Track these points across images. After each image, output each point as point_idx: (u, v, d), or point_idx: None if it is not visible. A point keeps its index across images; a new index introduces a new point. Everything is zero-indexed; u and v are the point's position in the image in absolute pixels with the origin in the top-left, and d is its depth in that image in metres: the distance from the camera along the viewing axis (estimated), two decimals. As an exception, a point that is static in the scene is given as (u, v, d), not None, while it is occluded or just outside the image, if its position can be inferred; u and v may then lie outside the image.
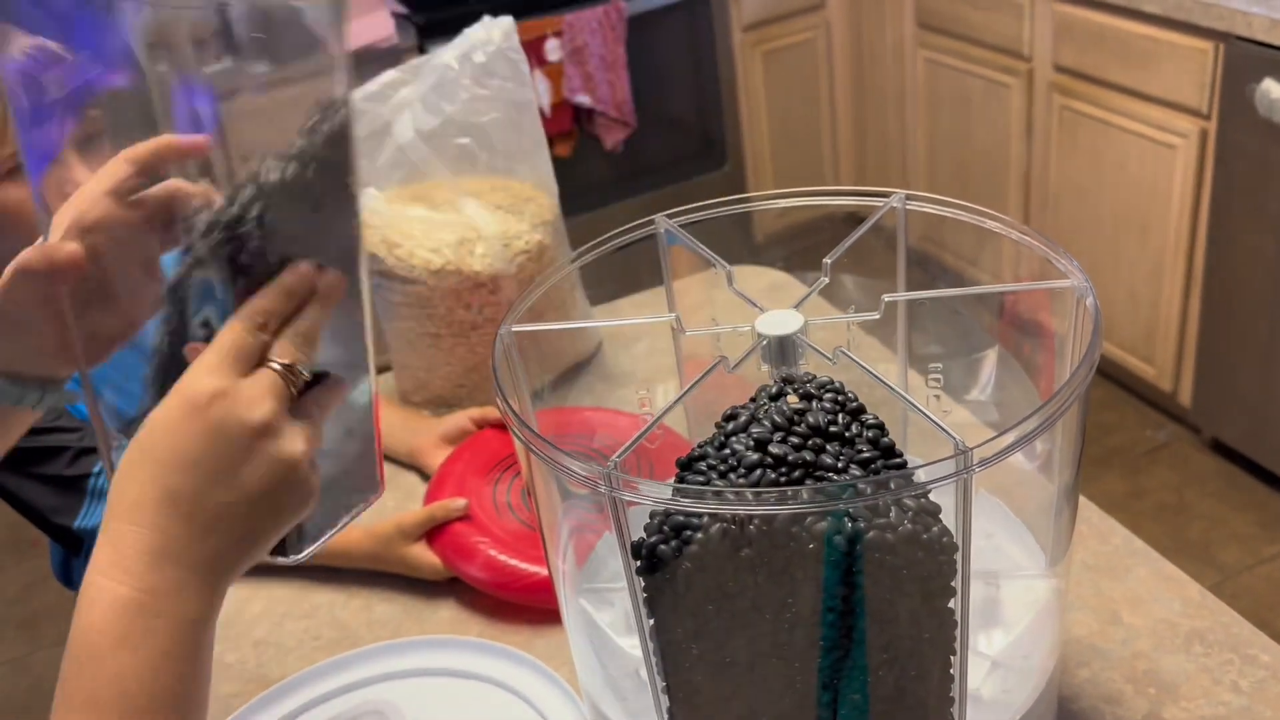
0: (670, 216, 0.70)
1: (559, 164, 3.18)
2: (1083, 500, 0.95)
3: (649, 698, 0.59)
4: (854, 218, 0.74)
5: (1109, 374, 2.58)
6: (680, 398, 0.55)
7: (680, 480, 0.52)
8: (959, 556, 0.50)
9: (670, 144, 2.94)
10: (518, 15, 2.69)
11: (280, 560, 0.54)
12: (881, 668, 0.52)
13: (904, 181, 3.01)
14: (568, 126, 2.72)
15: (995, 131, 2.59)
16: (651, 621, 0.55)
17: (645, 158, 2.89)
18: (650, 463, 0.68)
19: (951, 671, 0.54)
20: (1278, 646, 0.80)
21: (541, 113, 2.74)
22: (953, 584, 0.51)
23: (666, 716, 0.59)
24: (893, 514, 0.48)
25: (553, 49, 2.64)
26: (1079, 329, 0.59)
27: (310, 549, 0.54)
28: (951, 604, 0.52)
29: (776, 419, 0.53)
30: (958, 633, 0.53)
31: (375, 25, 2.52)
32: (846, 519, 0.47)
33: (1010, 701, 0.61)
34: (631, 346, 1.04)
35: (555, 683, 0.78)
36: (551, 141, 2.75)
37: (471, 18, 2.72)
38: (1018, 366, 0.71)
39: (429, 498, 1.00)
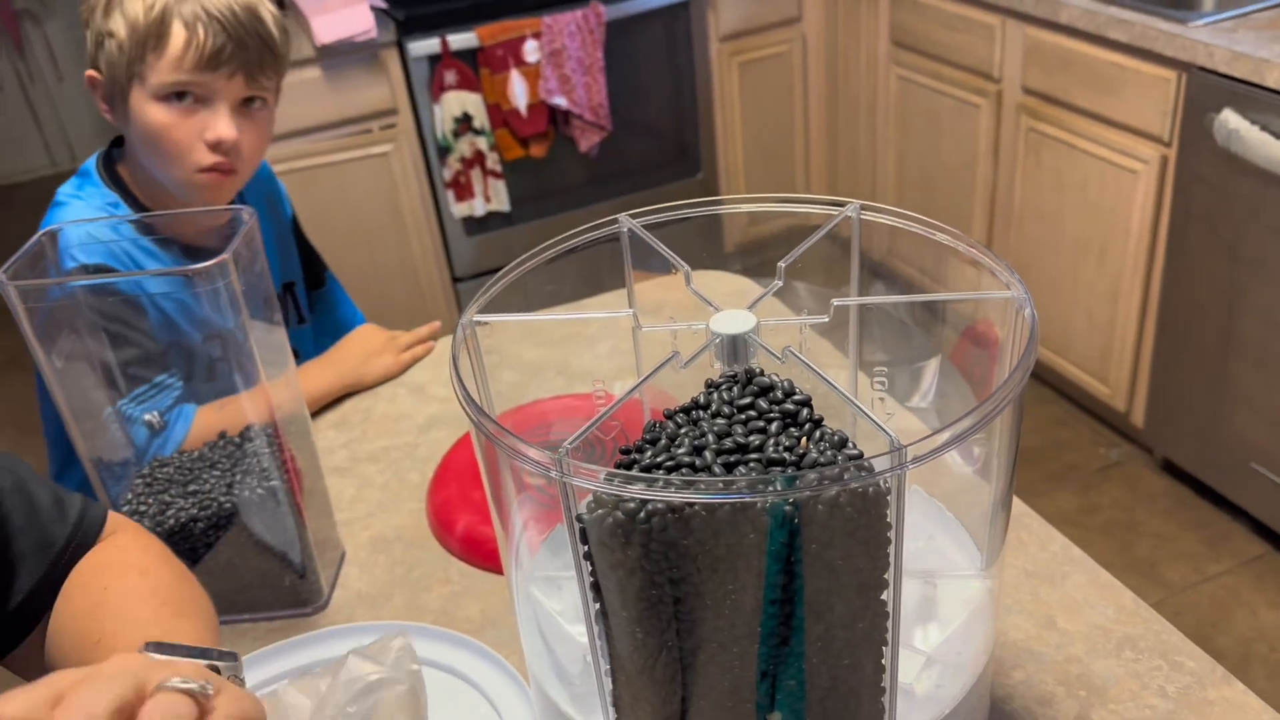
0: (634, 217, 0.72)
1: (534, 165, 3.22)
2: (1024, 509, 0.98)
3: (594, 682, 0.60)
4: (826, 233, 0.77)
5: (1065, 392, 2.63)
6: (633, 389, 0.57)
7: (625, 467, 0.54)
8: (891, 550, 0.52)
9: (645, 150, 2.97)
10: (497, 14, 2.72)
11: None
12: (816, 656, 0.54)
13: (872, 195, 3.05)
14: (543, 128, 2.74)
15: (963, 150, 2.63)
16: (597, 606, 0.57)
17: (619, 162, 2.91)
18: (607, 457, 0.69)
19: (883, 663, 0.56)
20: (1205, 655, 0.82)
21: (517, 113, 2.77)
22: (886, 577, 0.53)
23: (610, 700, 0.60)
24: (831, 507, 0.50)
25: (531, 50, 2.65)
26: (1017, 338, 0.61)
27: None
28: (885, 596, 0.54)
29: (723, 400, 0.56)
30: (889, 625, 0.55)
31: (355, 19, 2.53)
32: (787, 508, 0.49)
33: (942, 696, 0.63)
34: (594, 346, 1.06)
35: (503, 668, 0.80)
36: (527, 142, 2.77)
37: (451, 15, 2.73)
38: (960, 377, 0.74)
39: (434, 481, 1.04)
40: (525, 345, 1.07)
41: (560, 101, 2.71)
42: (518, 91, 2.68)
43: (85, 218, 1.14)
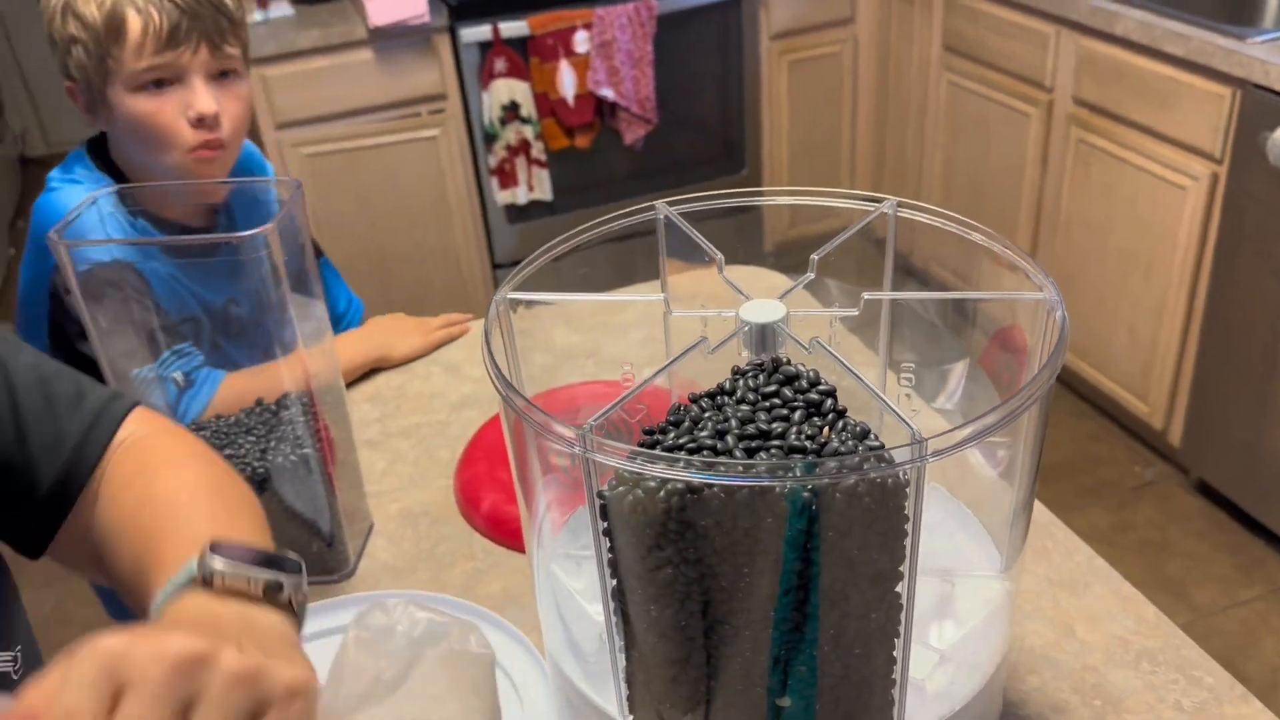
0: (671, 204, 0.73)
1: (578, 155, 3.23)
2: (1050, 518, 0.97)
3: (608, 659, 0.61)
4: (864, 233, 0.77)
5: (1103, 408, 2.61)
6: (660, 371, 0.58)
7: (649, 448, 0.54)
8: (908, 544, 0.53)
9: (690, 144, 2.97)
10: (549, 4, 2.73)
11: None
12: (828, 645, 0.55)
13: (917, 199, 3.02)
14: (589, 118, 2.75)
15: (1011, 158, 2.61)
16: (614, 583, 0.58)
17: (664, 156, 2.91)
18: (632, 441, 0.70)
19: (895, 655, 0.57)
20: (1224, 672, 0.82)
21: (564, 103, 2.78)
22: (901, 569, 0.54)
23: (623, 676, 0.61)
24: (850, 496, 0.51)
25: (581, 40, 2.66)
26: (1047, 339, 0.61)
27: None
28: (900, 589, 0.55)
29: (748, 387, 0.56)
30: (903, 617, 0.55)
31: (409, 2, 2.55)
32: (805, 494, 0.50)
33: (954, 694, 0.63)
34: (626, 333, 1.07)
35: (521, 643, 0.81)
36: (572, 132, 2.79)
37: (503, 2, 2.74)
38: (987, 380, 0.74)
39: (463, 459, 1.06)
40: (557, 329, 1.08)
41: (608, 93, 2.72)
42: (566, 81, 2.69)
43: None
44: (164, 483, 0.67)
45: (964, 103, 2.74)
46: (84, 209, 0.90)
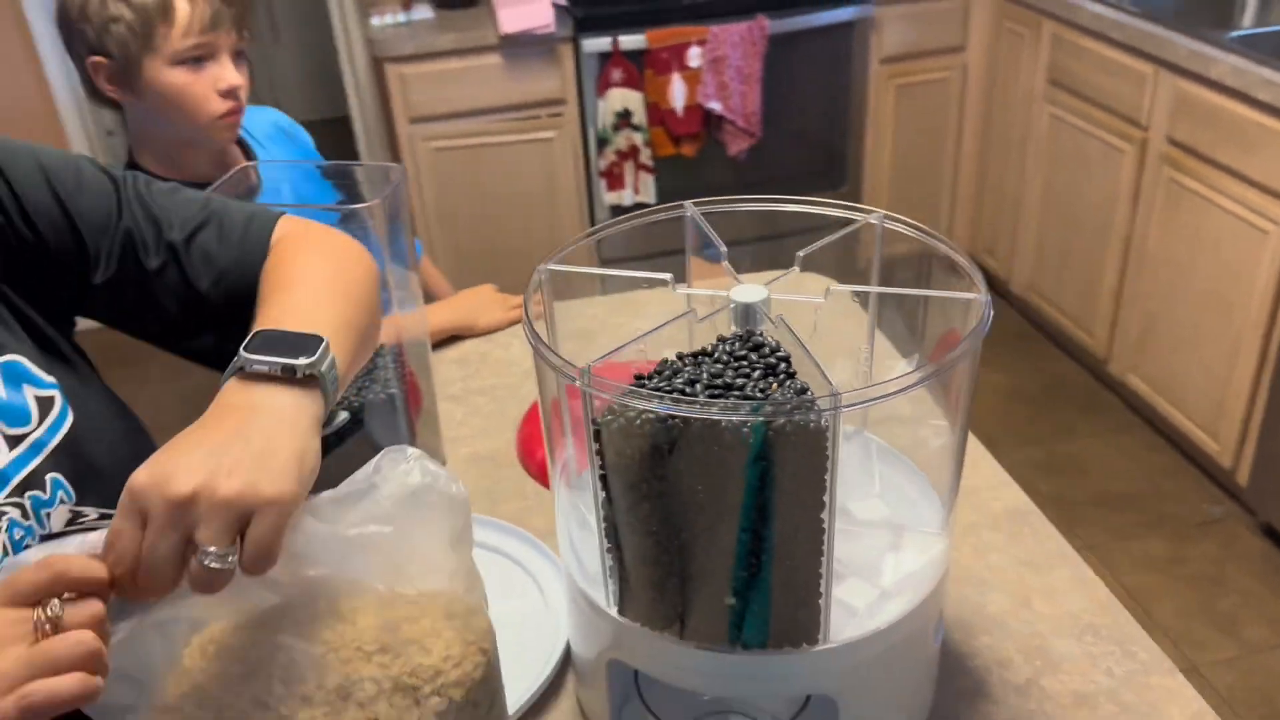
0: (697, 205, 0.88)
1: (684, 163, 3.39)
2: (1031, 507, 1.09)
3: (600, 561, 0.77)
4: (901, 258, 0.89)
5: (1175, 442, 2.64)
6: (653, 330, 0.73)
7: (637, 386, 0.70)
8: (828, 478, 0.67)
9: (792, 159, 3.10)
10: (667, 20, 2.90)
11: None
12: (765, 556, 0.69)
13: (1014, 227, 3.10)
14: (696, 129, 2.91)
15: (1104, 193, 2.66)
16: (604, 494, 0.73)
17: (766, 169, 3.05)
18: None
19: (820, 571, 0.70)
20: (1159, 650, 0.92)
21: (674, 113, 2.94)
22: (824, 498, 0.68)
23: (610, 572, 0.76)
24: (780, 434, 0.65)
25: (694, 55, 2.82)
26: (977, 333, 0.74)
27: None
28: (824, 516, 0.69)
29: (725, 350, 0.71)
30: (825, 540, 0.69)
31: (538, 13, 2.75)
32: (744, 430, 0.64)
33: (877, 618, 0.76)
34: (642, 311, 1.21)
35: (547, 555, 0.98)
36: (679, 140, 2.95)
37: (624, 17, 2.93)
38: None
39: (526, 417, 1.23)
40: (587, 313, 1.23)
41: (715, 106, 2.87)
42: (677, 93, 2.86)
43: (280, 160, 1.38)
44: (294, 266, 0.78)
45: (1064, 136, 2.80)
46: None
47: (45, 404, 0.72)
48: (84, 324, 0.82)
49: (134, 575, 0.56)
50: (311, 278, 0.77)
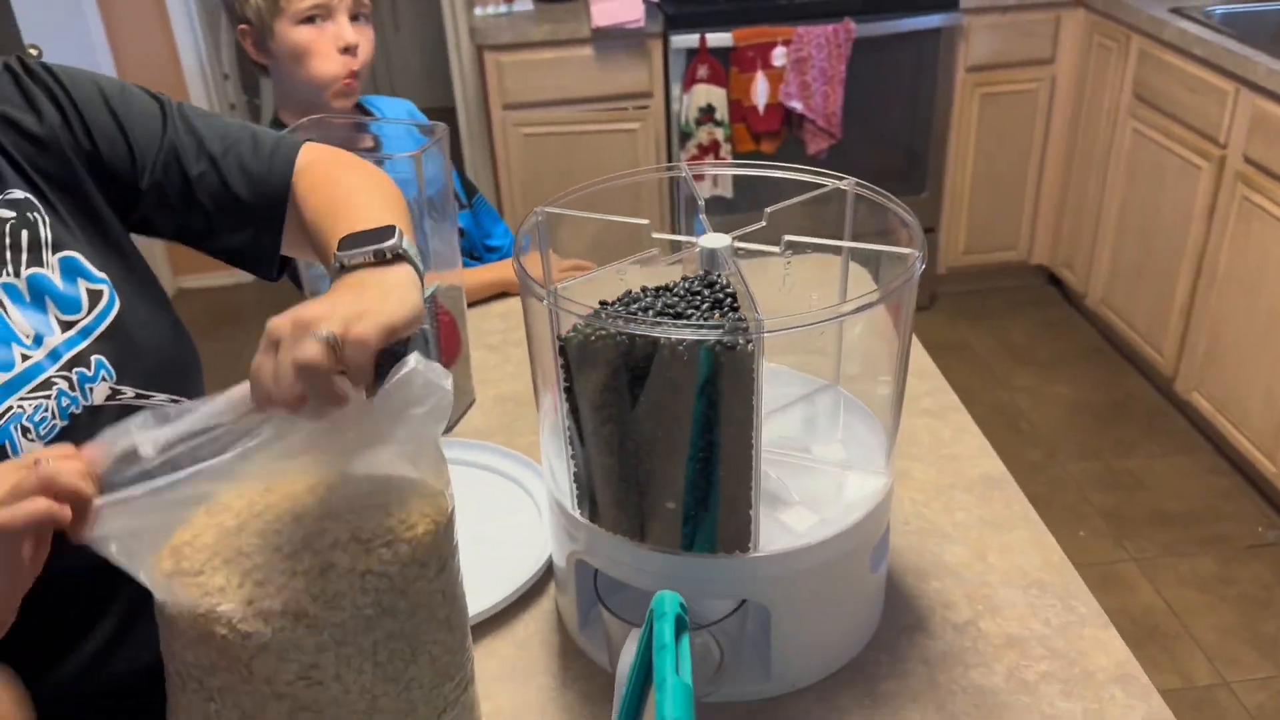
0: (690, 167, 0.98)
1: (762, 159, 3.50)
2: (1005, 474, 1.15)
3: (566, 469, 0.87)
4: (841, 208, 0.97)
5: (1236, 464, 2.61)
6: (623, 262, 0.83)
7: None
8: (755, 399, 0.76)
9: (871, 162, 3.15)
10: (755, 20, 2.99)
11: None
12: (702, 464, 0.79)
13: (1093, 239, 3.09)
14: (776, 127, 2.99)
15: (1180, 209, 2.65)
16: (568, 406, 0.83)
17: (844, 169, 3.08)
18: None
19: (751, 484, 0.80)
20: (1099, 607, 0.98)
21: (755, 110, 3.03)
22: (753, 418, 0.77)
23: (573, 478, 0.87)
24: (713, 354, 0.74)
25: (779, 55, 2.91)
26: (906, 285, 0.82)
27: None
28: (752, 434, 0.78)
29: (683, 287, 0.81)
30: (753, 453, 0.78)
31: (629, 8, 2.87)
32: (679, 348, 0.74)
33: (806, 535, 0.84)
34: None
35: (539, 472, 1.09)
36: (759, 138, 3.03)
37: (713, 15, 3.03)
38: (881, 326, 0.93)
39: None
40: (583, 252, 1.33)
41: (796, 105, 2.95)
42: (759, 91, 2.94)
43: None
44: (343, 185, 0.91)
45: (1145, 151, 2.80)
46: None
47: (95, 295, 0.85)
48: (187, 281, 0.96)
49: (272, 397, 0.66)
50: (360, 191, 0.90)
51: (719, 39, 2.90)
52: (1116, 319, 3.04)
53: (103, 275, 0.86)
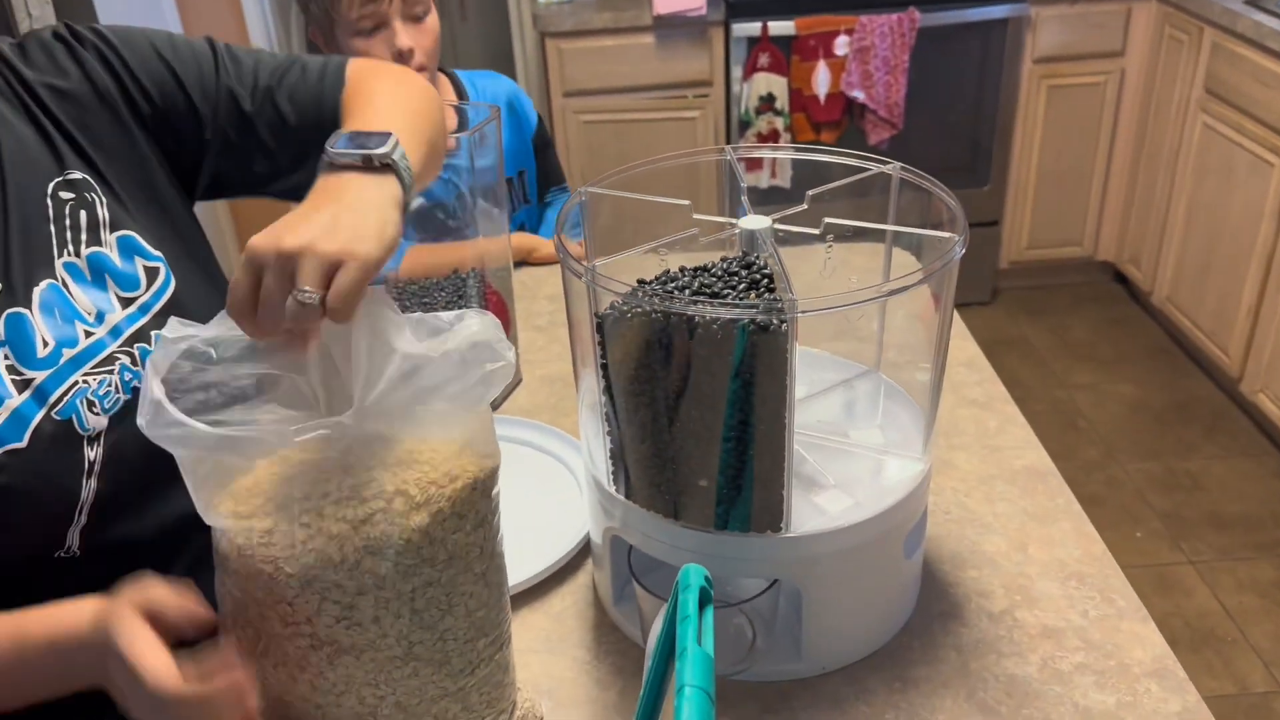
0: (735, 150, 0.99)
1: (822, 150, 3.43)
2: (1050, 468, 1.14)
3: (603, 445, 0.89)
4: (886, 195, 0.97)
5: (1303, 469, 2.54)
6: (656, 244, 0.84)
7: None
8: (788, 379, 0.76)
9: (933, 153, 3.12)
10: (817, 8, 2.97)
11: None
12: (735, 443, 0.79)
13: (1160, 236, 3.03)
14: (837, 116, 2.97)
15: (1250, 207, 2.59)
16: (604, 382, 0.85)
17: (906, 160, 3.06)
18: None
19: (784, 464, 0.80)
20: (1138, 599, 0.97)
21: (816, 100, 3.01)
22: (785, 397, 0.77)
23: (609, 454, 0.88)
24: (749, 334, 0.75)
25: (841, 44, 2.89)
26: (944, 271, 0.82)
27: None
28: (785, 414, 0.78)
29: (721, 268, 0.82)
30: (786, 434, 0.79)
31: (690, -5, 2.87)
32: (714, 328, 0.75)
33: (839, 518, 0.84)
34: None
35: (578, 449, 1.11)
36: (819, 127, 3.02)
37: (775, 3, 3.01)
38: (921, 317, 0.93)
39: None
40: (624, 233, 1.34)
41: (858, 95, 2.93)
42: (821, 80, 2.93)
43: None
44: (373, 93, 0.92)
45: (1215, 146, 2.73)
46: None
47: (152, 273, 0.88)
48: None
49: (251, 317, 0.70)
50: (382, 95, 0.92)
51: (781, 27, 2.89)
52: (1182, 318, 2.97)
53: (158, 253, 0.89)
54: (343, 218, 0.72)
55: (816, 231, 0.89)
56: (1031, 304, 3.42)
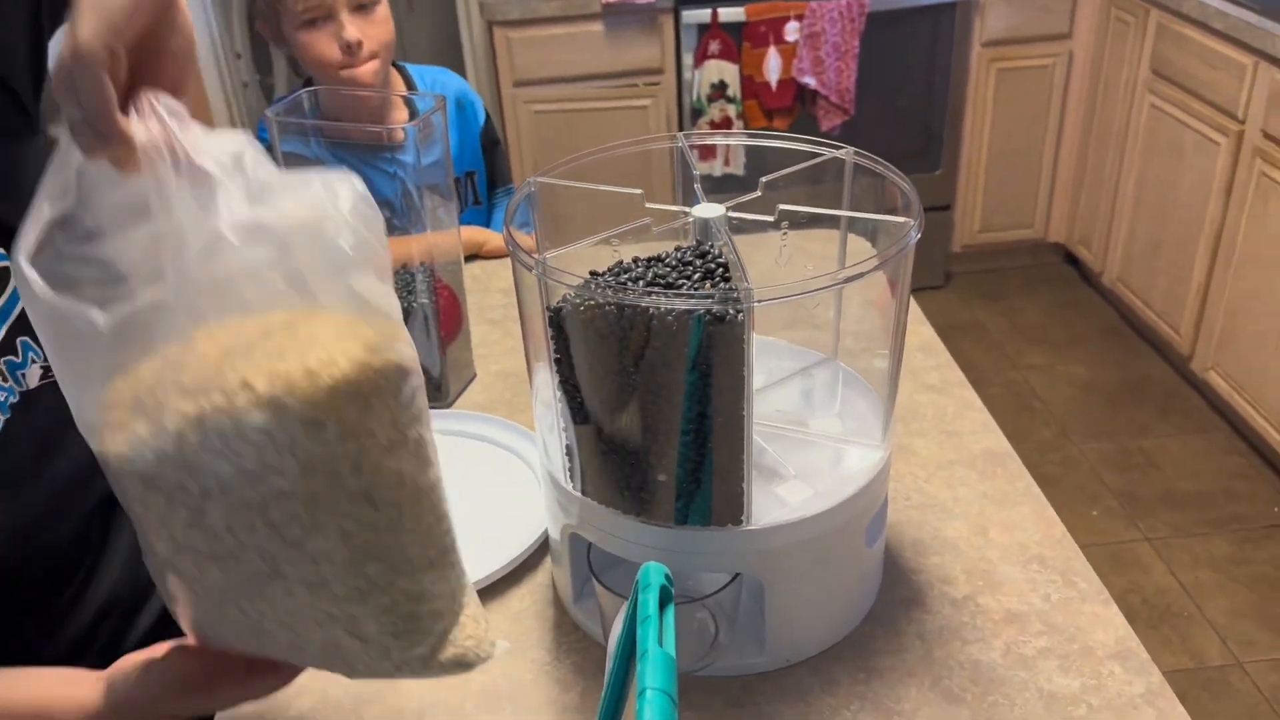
0: (687, 138, 0.97)
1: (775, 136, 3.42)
2: (1007, 450, 1.13)
3: (558, 440, 0.87)
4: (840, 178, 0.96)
5: (1253, 444, 2.58)
6: (608, 235, 0.82)
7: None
8: (745, 370, 0.75)
9: (884, 138, 3.12)
10: (765, -7, 2.94)
11: None
12: (693, 436, 0.78)
13: (1110, 216, 3.05)
14: (789, 103, 2.96)
15: (1198, 186, 2.62)
16: (559, 378, 0.83)
17: (858, 145, 3.07)
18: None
19: (742, 456, 0.79)
20: (1099, 582, 0.97)
21: (768, 86, 3.00)
22: (743, 388, 0.76)
23: (569, 451, 0.86)
24: (705, 325, 0.73)
25: (792, 30, 2.88)
26: (899, 256, 0.80)
27: None
28: (744, 405, 0.77)
29: (675, 257, 0.80)
30: (745, 425, 0.77)
31: (640, -18, 2.84)
32: (701, 325, 0.73)
33: (800, 508, 0.83)
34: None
35: (526, 435, 1.10)
36: (772, 114, 3.01)
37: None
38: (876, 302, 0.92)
39: None
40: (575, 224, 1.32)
41: (810, 81, 2.92)
42: (772, 67, 2.92)
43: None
44: None
45: (1163, 127, 2.76)
46: (292, 98, 1.24)
47: (3, 275, 0.78)
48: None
49: None
50: None
51: (731, 14, 2.87)
52: (1133, 297, 3.00)
53: (3, 251, 0.80)
54: None
55: (771, 219, 0.87)
56: (985, 287, 3.44)
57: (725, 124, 2.98)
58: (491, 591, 0.98)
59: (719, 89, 2.94)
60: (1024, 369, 3.04)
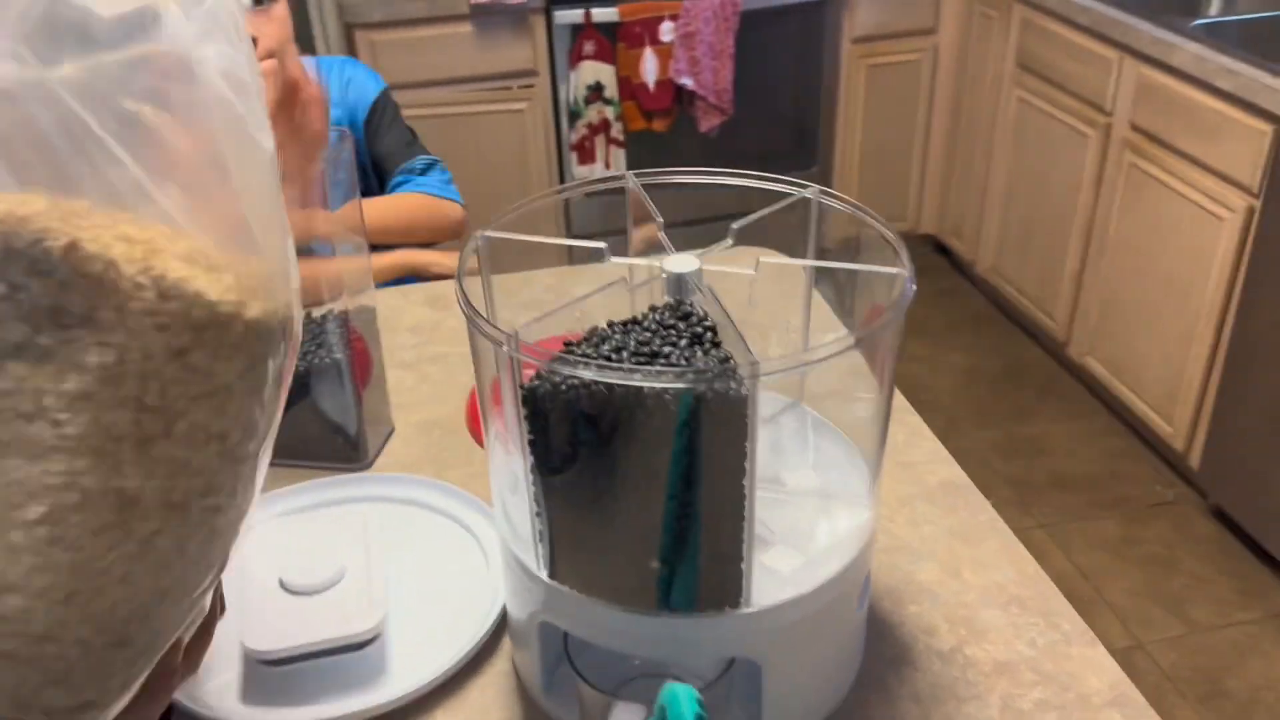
0: (638, 176, 0.89)
1: (655, 138, 3.42)
2: (966, 483, 1.11)
3: (530, 525, 0.78)
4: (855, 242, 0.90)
5: (1133, 426, 2.68)
6: (582, 298, 0.74)
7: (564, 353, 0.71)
8: (748, 445, 0.68)
9: (763, 137, 3.11)
10: (640, -7, 2.87)
11: None
12: (688, 520, 0.71)
13: (980, 208, 3.12)
14: (668, 104, 2.91)
15: (1069, 177, 2.69)
16: (533, 459, 0.74)
17: (737, 145, 3.06)
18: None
19: (743, 536, 0.72)
20: (1081, 621, 0.95)
21: (645, 87, 2.93)
22: (745, 465, 0.69)
23: (541, 536, 0.78)
24: (701, 401, 0.66)
25: (667, 30, 2.82)
26: (898, 306, 0.75)
27: None
28: (745, 482, 0.70)
29: (654, 319, 0.72)
30: (746, 505, 0.70)
31: (509, -18, 2.74)
32: (666, 396, 0.66)
33: (800, 582, 0.77)
34: (590, 284, 1.23)
35: (486, 513, 0.99)
36: (651, 115, 2.95)
37: (595, -13, 2.89)
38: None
39: (474, 387, 1.24)
40: (523, 289, 1.24)
41: (687, 82, 2.87)
42: (649, 68, 2.86)
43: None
44: None
45: (1030, 120, 2.82)
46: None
47: None
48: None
49: None
50: None
51: (605, 13, 2.80)
52: (1007, 286, 3.08)
53: None
54: None
55: (751, 271, 0.80)
56: (830, 276, 3.48)
57: (603, 126, 2.91)
58: (447, 687, 0.89)
59: (596, 91, 2.86)
60: (907, 359, 3.07)
